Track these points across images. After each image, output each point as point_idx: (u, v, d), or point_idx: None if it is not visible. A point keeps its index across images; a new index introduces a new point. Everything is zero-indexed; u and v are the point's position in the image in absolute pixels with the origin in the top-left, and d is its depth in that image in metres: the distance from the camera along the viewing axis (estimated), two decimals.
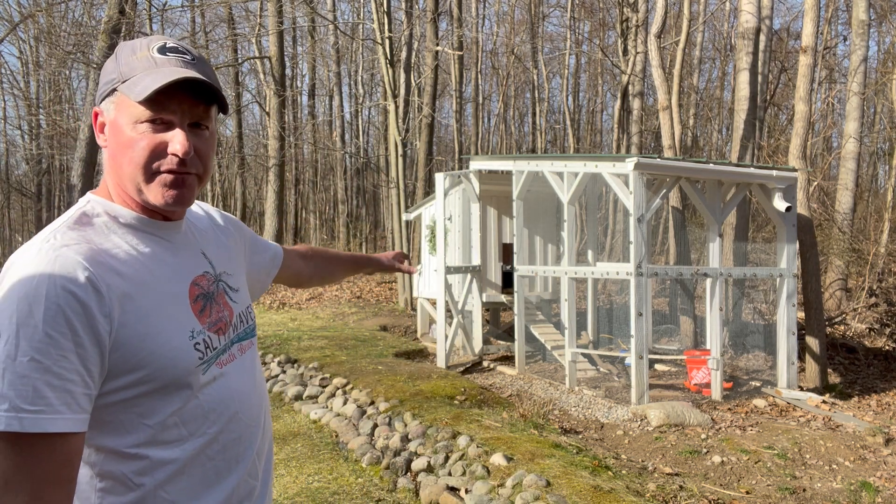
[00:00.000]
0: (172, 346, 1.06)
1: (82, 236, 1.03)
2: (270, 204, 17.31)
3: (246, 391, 1.21)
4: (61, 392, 0.92)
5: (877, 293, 11.79)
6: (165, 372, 1.04)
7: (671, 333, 11.59)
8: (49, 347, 0.92)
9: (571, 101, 28.59)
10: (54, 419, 0.92)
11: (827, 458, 5.56)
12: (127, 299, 1.02)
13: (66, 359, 0.93)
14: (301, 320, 12.61)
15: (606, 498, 3.96)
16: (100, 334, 0.97)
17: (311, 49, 24.49)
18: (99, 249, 1.03)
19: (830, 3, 18.56)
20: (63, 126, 19.35)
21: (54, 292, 0.94)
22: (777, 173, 8.04)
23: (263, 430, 1.26)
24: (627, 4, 17.25)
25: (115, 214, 1.10)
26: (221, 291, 1.22)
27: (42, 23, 19.42)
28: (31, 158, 24.43)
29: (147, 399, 1.04)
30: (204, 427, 1.10)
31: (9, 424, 0.89)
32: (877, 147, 23.10)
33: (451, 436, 5.14)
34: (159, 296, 1.08)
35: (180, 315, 1.10)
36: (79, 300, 0.95)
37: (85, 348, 0.95)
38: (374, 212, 31.30)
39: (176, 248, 1.16)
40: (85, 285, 0.97)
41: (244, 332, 1.26)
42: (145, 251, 1.10)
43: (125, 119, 1.07)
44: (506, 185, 10.18)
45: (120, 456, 1.03)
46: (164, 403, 1.05)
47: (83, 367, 0.95)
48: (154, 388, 1.04)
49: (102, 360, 0.98)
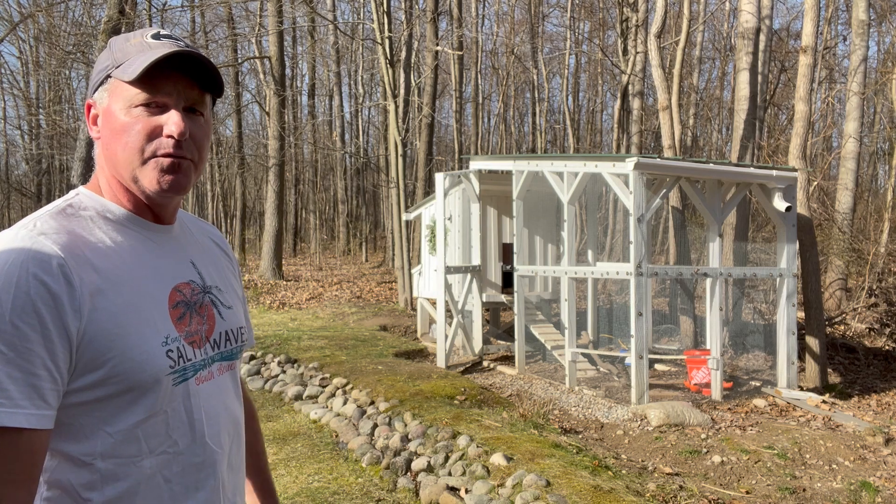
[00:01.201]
0: (143, 348, 1.00)
1: (63, 226, 0.99)
2: (270, 204, 17.30)
3: (216, 414, 1.12)
4: (24, 386, 0.88)
5: (877, 293, 11.79)
6: (132, 374, 0.98)
7: (671, 333, 11.59)
8: (14, 338, 0.88)
9: (571, 100, 28.62)
10: (14, 413, 0.87)
11: (827, 458, 5.56)
12: (100, 295, 0.97)
13: (32, 351, 0.89)
14: (301, 320, 12.61)
15: (606, 498, 3.96)
16: (69, 328, 0.92)
17: (311, 49, 24.48)
18: (78, 241, 0.99)
19: (830, 3, 18.56)
20: (63, 126, 19.35)
21: (25, 280, 0.90)
22: (777, 173, 8.04)
23: (229, 460, 1.15)
24: (627, 4, 17.25)
25: (102, 209, 1.06)
26: (208, 304, 1.16)
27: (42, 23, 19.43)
28: (31, 158, 24.43)
29: (110, 403, 0.98)
30: (165, 445, 1.03)
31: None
32: (877, 147, 23.11)
33: (451, 436, 5.14)
34: (135, 296, 1.02)
35: (155, 318, 1.04)
36: (50, 291, 0.91)
37: (53, 342, 0.91)
38: (374, 212, 31.32)
39: (162, 251, 1.11)
40: (57, 276, 0.93)
41: (229, 352, 1.18)
42: (128, 249, 1.05)
43: (119, 105, 1.05)
44: (506, 185, 10.18)
45: (73, 463, 0.97)
46: (127, 411, 0.99)
47: (51, 362, 0.90)
48: (118, 391, 0.98)
49: (70, 356, 0.93)
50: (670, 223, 11.53)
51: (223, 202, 26.63)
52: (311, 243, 27.85)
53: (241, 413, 1.22)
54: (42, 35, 21.06)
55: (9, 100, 26.42)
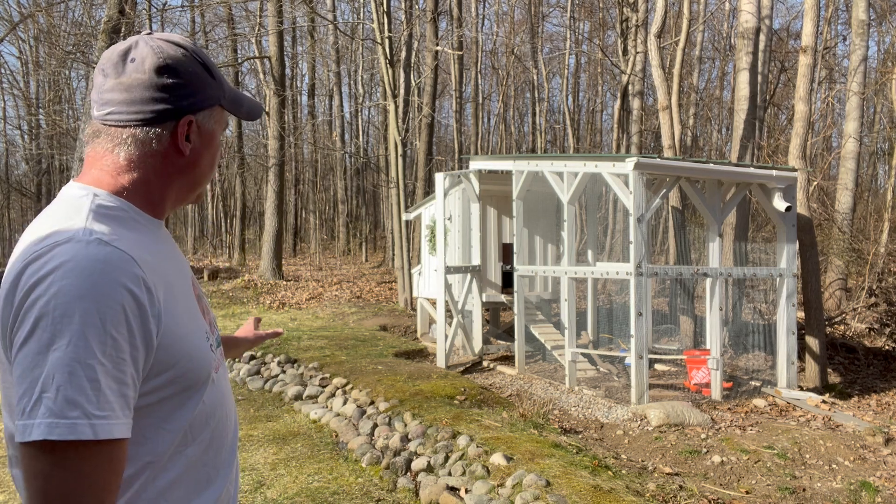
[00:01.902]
0: (200, 347, 1.06)
1: (113, 231, 0.98)
2: (270, 204, 17.30)
3: (228, 396, 1.20)
4: (119, 396, 0.89)
5: (877, 293, 11.79)
6: (193, 374, 1.03)
7: (671, 333, 11.59)
8: (112, 350, 0.88)
9: (571, 100, 28.62)
10: (119, 425, 0.88)
11: (827, 458, 5.56)
12: (166, 299, 0.99)
13: (124, 361, 0.90)
14: (301, 320, 12.61)
15: (606, 498, 3.96)
16: (151, 335, 0.94)
17: (311, 49, 24.49)
18: (136, 245, 0.99)
19: (830, 3, 18.56)
20: (63, 126, 19.35)
21: (117, 291, 0.90)
22: (777, 173, 8.05)
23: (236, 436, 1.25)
24: (627, 4, 17.25)
25: (128, 208, 1.06)
26: (202, 294, 1.22)
27: (42, 23, 19.43)
28: (31, 158, 24.43)
29: (170, 402, 1.01)
30: (205, 432, 1.09)
31: (82, 432, 0.85)
32: (876, 147, 23.11)
33: (451, 436, 5.14)
34: (182, 295, 1.07)
35: (196, 315, 1.10)
36: (136, 300, 0.92)
37: (138, 350, 0.92)
38: (373, 212, 31.32)
39: (171, 246, 1.14)
40: (140, 284, 0.93)
41: (217, 337, 1.23)
42: (159, 248, 1.07)
43: (218, 130, 1.17)
44: (506, 185, 10.18)
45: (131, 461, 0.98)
46: (184, 407, 1.03)
47: (135, 370, 0.92)
48: (179, 390, 1.02)
49: (147, 361, 0.95)
50: (670, 223, 11.53)
51: (223, 202, 26.64)
52: (310, 243, 27.85)
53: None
54: (42, 35, 21.06)
55: (9, 100, 26.44)
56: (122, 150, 1.07)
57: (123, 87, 1.06)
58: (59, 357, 0.85)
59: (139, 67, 1.06)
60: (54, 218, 0.99)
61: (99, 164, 1.07)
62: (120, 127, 1.06)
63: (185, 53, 1.10)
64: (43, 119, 22.75)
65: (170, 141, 1.08)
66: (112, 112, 1.07)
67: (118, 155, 1.07)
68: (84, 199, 1.02)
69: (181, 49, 1.10)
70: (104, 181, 1.06)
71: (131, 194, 1.07)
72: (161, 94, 1.06)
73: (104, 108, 1.07)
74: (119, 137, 1.07)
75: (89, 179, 1.07)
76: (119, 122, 1.06)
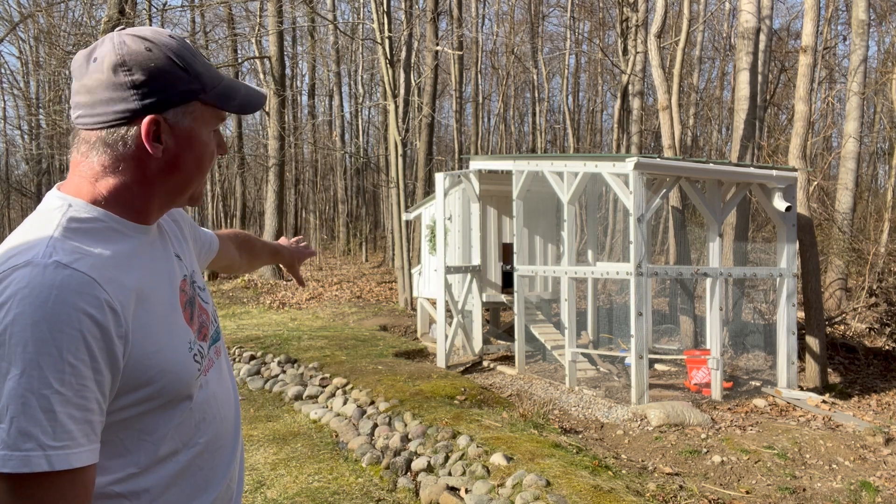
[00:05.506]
0: (177, 360, 1.03)
1: (78, 248, 0.94)
2: (270, 204, 17.31)
3: (225, 395, 1.18)
4: (82, 423, 0.87)
5: (877, 293, 11.79)
6: (172, 387, 1.01)
7: (671, 333, 11.59)
8: (71, 377, 0.86)
9: (571, 100, 28.61)
10: (79, 453, 0.86)
11: (827, 458, 5.56)
12: (136, 316, 0.96)
13: (86, 388, 0.87)
14: (301, 320, 12.61)
15: (606, 498, 3.96)
16: (116, 358, 0.92)
17: (311, 49, 24.48)
18: (102, 261, 0.95)
19: (830, 3, 18.56)
20: (63, 126, 19.34)
21: (75, 317, 0.87)
22: (777, 173, 8.04)
23: (238, 433, 1.24)
24: (627, 4, 17.25)
25: (106, 218, 1.01)
26: (196, 294, 1.17)
27: (42, 23, 19.44)
28: (31, 158, 24.43)
29: (151, 414, 1.00)
30: (196, 437, 1.08)
31: (37, 464, 0.83)
32: (877, 147, 23.11)
33: (451, 436, 5.14)
34: (159, 307, 1.03)
35: (178, 326, 1.06)
36: (98, 324, 0.89)
37: (102, 374, 0.90)
38: (374, 212, 31.31)
39: (157, 253, 1.10)
40: (102, 307, 0.90)
41: (215, 332, 1.20)
42: (137, 258, 1.03)
43: (205, 128, 1.07)
44: (506, 185, 10.18)
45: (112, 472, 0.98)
46: (165, 417, 1.02)
47: (100, 394, 0.90)
48: (160, 404, 1.00)
49: (114, 383, 0.93)
50: (670, 223, 11.53)
51: (223, 202, 26.64)
52: (310, 243, 27.82)
53: (234, 387, 1.27)
54: (42, 35, 21.06)
55: (9, 100, 26.45)
56: (94, 155, 1.01)
57: (86, 89, 1.00)
58: (12, 387, 0.83)
59: (99, 67, 0.99)
60: (25, 234, 0.96)
61: (78, 171, 1.03)
62: (89, 130, 1.01)
63: (151, 47, 1.00)
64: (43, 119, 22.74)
65: (139, 143, 1.01)
66: (80, 115, 1.02)
67: (93, 160, 1.02)
68: (56, 213, 0.99)
69: (146, 43, 1.00)
70: (83, 189, 1.02)
71: (110, 202, 1.02)
72: (119, 93, 0.99)
73: (75, 112, 1.02)
74: (90, 142, 1.02)
75: (70, 187, 1.03)
76: (87, 126, 1.01)
